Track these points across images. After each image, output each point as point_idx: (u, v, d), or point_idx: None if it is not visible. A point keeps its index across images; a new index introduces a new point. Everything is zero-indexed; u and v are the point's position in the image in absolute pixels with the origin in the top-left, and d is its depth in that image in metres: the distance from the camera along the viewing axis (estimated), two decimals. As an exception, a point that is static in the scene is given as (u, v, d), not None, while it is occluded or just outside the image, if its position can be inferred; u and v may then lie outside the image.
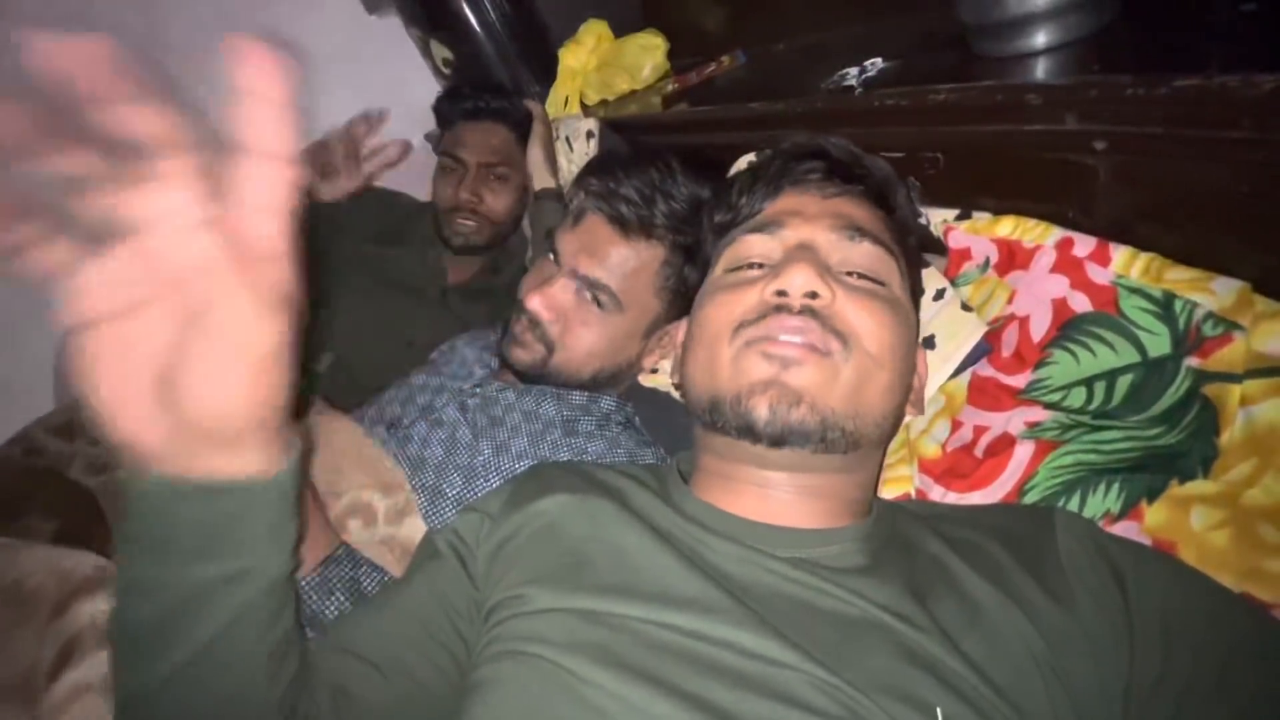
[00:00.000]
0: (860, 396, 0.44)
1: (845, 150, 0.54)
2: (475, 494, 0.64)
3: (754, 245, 0.49)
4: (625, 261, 0.67)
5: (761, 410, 0.42)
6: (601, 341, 0.69)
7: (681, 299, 0.69)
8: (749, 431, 0.43)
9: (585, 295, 0.67)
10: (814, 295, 0.44)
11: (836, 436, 0.43)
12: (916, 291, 0.55)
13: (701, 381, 0.47)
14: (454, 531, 0.51)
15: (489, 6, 1.34)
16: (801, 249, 0.47)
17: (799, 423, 0.42)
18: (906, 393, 0.49)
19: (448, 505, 0.63)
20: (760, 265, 0.48)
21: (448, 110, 1.11)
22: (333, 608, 0.54)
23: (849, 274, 0.47)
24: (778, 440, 0.43)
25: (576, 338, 0.68)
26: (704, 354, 0.47)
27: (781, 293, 0.44)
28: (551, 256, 0.70)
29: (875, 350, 0.44)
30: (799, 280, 0.44)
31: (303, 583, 0.53)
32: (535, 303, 0.67)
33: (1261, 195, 0.41)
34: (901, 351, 0.46)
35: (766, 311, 0.44)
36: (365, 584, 0.56)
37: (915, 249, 0.55)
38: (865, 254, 0.47)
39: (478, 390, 0.72)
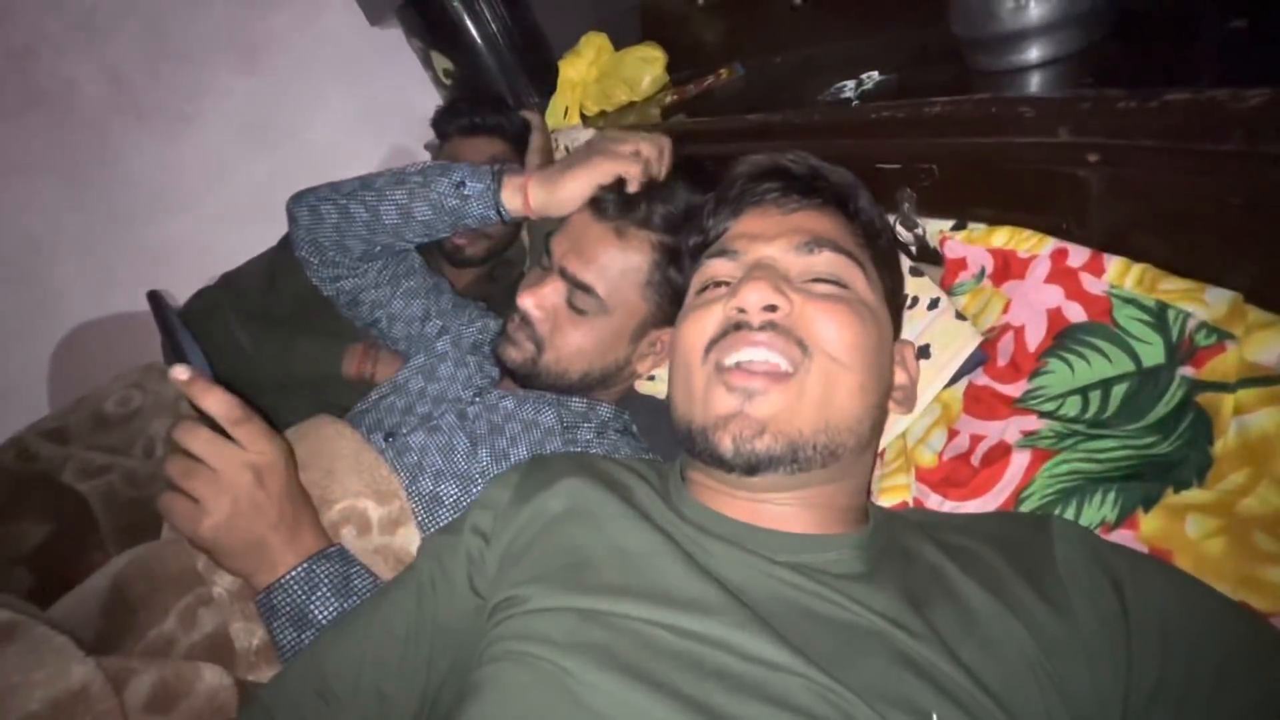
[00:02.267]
0: (828, 406, 0.45)
1: (803, 164, 0.55)
2: (472, 499, 0.64)
3: (718, 269, 0.51)
4: (613, 263, 0.68)
5: (726, 444, 0.44)
6: (589, 341, 0.69)
7: (671, 302, 0.70)
8: (720, 463, 0.44)
9: (570, 297, 0.68)
10: (773, 308, 0.45)
11: (809, 455, 0.44)
12: (895, 291, 0.56)
13: (681, 408, 0.49)
14: (468, 532, 0.50)
15: (490, 19, 1.35)
16: (759, 266, 0.48)
17: (765, 451, 0.43)
18: (884, 393, 0.49)
19: (445, 512, 0.63)
20: (726, 284, 0.50)
21: (445, 125, 1.12)
22: (318, 603, 0.53)
23: (812, 281, 0.48)
24: (749, 470, 0.44)
25: (564, 337, 0.69)
26: (681, 377, 0.49)
27: (741, 310, 0.46)
28: (546, 259, 0.71)
29: (837, 352, 0.45)
30: (754, 297, 0.45)
31: (286, 576, 0.53)
32: (526, 302, 0.69)
33: (1252, 207, 0.42)
34: (869, 350, 0.47)
35: (729, 329, 0.46)
36: (356, 582, 0.56)
37: (887, 250, 0.56)
38: (825, 262, 0.49)
39: (477, 399, 0.72)
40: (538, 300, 0.69)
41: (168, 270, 1.47)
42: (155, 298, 0.63)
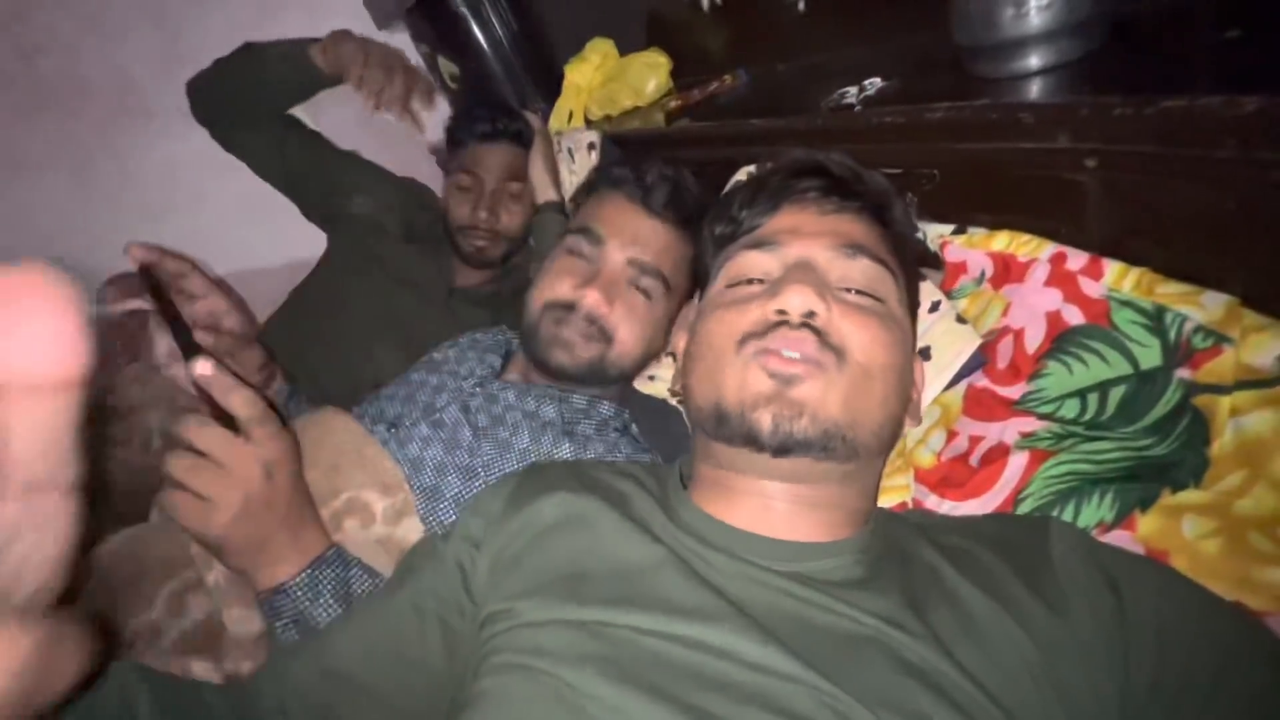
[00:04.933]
0: (855, 406, 0.45)
1: (844, 167, 0.54)
2: (474, 493, 0.64)
3: (754, 261, 0.50)
4: (672, 247, 0.70)
5: (765, 422, 0.43)
6: (650, 327, 0.71)
7: (694, 283, 0.73)
8: (753, 441, 0.44)
9: (638, 282, 0.69)
10: (813, 314, 0.45)
11: (836, 445, 0.44)
12: (913, 304, 0.56)
13: (705, 393, 0.48)
14: (457, 538, 0.51)
15: (497, 24, 1.37)
16: (800, 268, 0.47)
17: (801, 434, 0.43)
18: (903, 404, 0.50)
19: (446, 506, 0.63)
20: (761, 281, 0.49)
21: (463, 132, 1.13)
22: (321, 610, 0.54)
23: (847, 290, 0.48)
24: (781, 450, 0.44)
25: (628, 325, 0.69)
26: (708, 366, 0.48)
27: (781, 311, 0.46)
28: (583, 242, 0.70)
29: (868, 363, 0.45)
30: (797, 301, 0.45)
31: (290, 583, 0.53)
32: (594, 298, 0.67)
33: (1246, 212, 0.42)
34: (896, 365, 0.47)
35: (768, 327, 0.46)
36: (355, 586, 0.56)
37: (912, 262, 0.56)
38: (863, 270, 0.48)
39: (478, 389, 0.73)
40: (605, 295, 0.67)
41: (172, 269, 1.48)
42: (151, 277, 0.61)
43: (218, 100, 1.07)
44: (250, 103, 1.06)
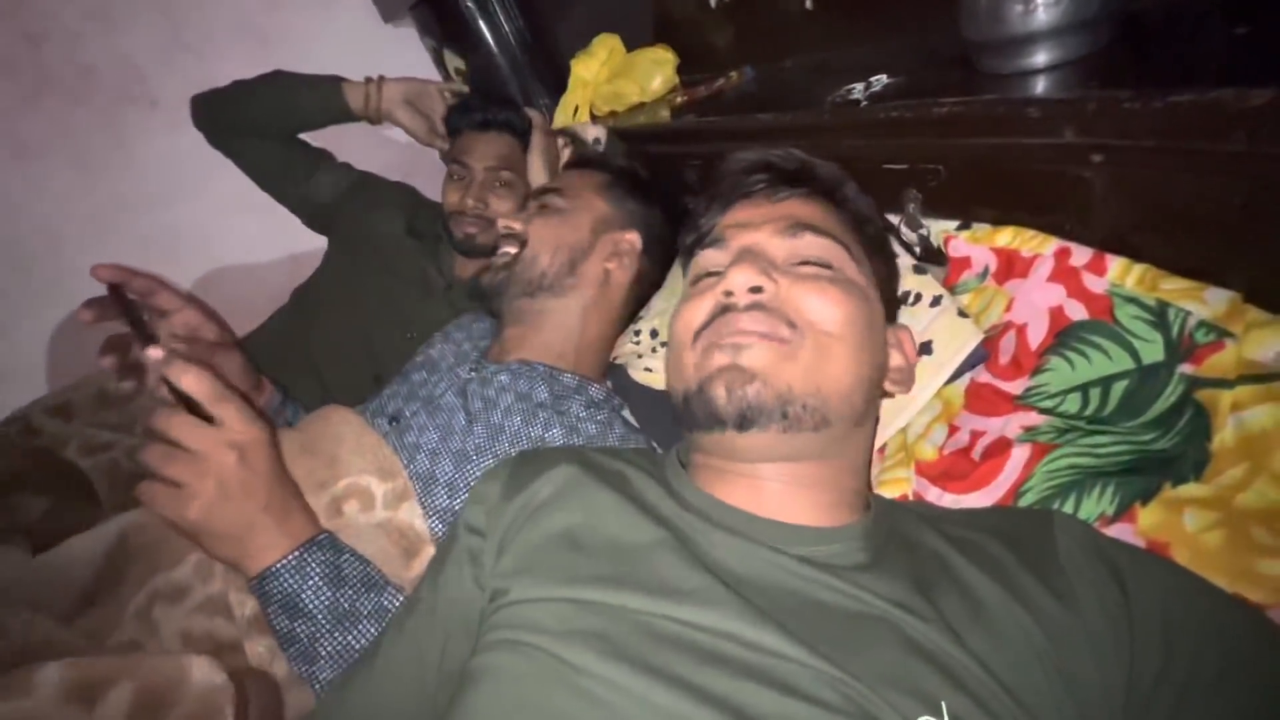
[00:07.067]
0: (820, 372, 0.45)
1: (790, 158, 0.57)
2: (467, 477, 0.64)
3: (709, 258, 0.53)
4: (570, 174, 0.85)
5: (719, 392, 0.44)
6: (558, 228, 0.80)
7: (630, 215, 0.84)
8: (715, 418, 0.45)
9: (543, 199, 0.83)
10: (758, 290, 0.47)
11: (798, 411, 0.44)
12: (887, 277, 0.57)
13: (675, 384, 0.50)
14: (464, 534, 0.50)
15: (503, 19, 1.37)
16: (744, 253, 0.50)
17: (755, 398, 0.44)
18: (877, 369, 0.50)
19: (439, 490, 0.63)
20: (716, 274, 0.52)
21: (457, 121, 1.14)
22: (309, 592, 0.54)
23: (798, 264, 0.49)
24: (741, 421, 0.44)
25: (538, 230, 0.80)
26: (674, 359, 0.51)
27: (729, 293, 0.47)
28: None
29: (829, 327, 0.46)
30: (739, 279, 0.47)
31: (278, 565, 0.53)
32: (507, 221, 0.82)
33: (1253, 207, 0.42)
34: (860, 325, 0.48)
35: (717, 313, 0.48)
36: (347, 570, 0.56)
37: (875, 236, 0.57)
38: (809, 244, 0.50)
39: (473, 373, 0.73)
40: (516, 217, 0.81)
41: (172, 257, 1.48)
42: (117, 291, 0.62)
43: (232, 117, 1.14)
44: (268, 123, 1.15)
